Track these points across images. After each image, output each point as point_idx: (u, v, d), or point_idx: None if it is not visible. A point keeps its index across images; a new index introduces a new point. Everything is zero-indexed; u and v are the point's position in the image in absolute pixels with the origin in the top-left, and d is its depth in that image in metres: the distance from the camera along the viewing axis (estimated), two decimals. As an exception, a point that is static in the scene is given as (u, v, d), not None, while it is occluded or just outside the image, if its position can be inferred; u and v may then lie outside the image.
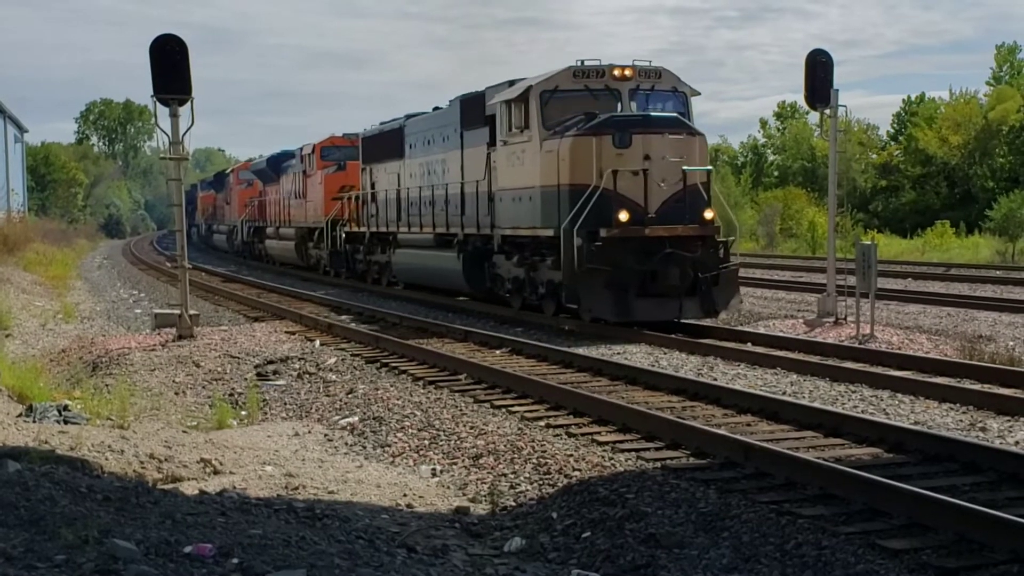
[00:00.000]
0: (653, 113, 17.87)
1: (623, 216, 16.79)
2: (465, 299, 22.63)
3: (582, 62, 18.32)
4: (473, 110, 21.22)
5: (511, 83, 19.65)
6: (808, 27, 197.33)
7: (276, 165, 40.61)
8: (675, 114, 18.03)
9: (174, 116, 17.14)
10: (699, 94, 19.12)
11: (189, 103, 17.07)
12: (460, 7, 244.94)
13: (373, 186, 28.31)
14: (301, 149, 36.23)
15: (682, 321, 17.12)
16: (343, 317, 20.76)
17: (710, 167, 18.21)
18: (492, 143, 20.09)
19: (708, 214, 17.37)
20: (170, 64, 16.82)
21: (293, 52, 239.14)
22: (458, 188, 21.87)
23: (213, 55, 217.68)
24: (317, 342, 16.93)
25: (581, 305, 16.99)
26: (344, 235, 30.89)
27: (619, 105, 18.18)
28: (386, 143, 27.14)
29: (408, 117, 26.03)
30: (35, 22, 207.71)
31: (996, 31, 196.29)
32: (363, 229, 28.98)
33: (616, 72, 18.23)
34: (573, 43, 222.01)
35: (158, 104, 17.16)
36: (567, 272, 17.08)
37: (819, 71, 17.68)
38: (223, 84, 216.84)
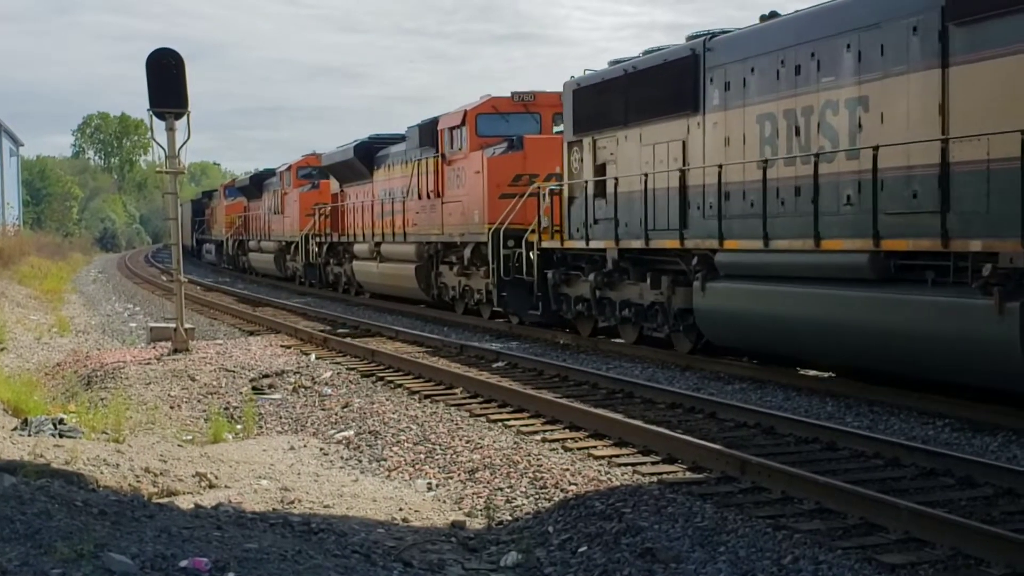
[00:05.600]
0: None
1: None
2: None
3: None
4: None
5: None
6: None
7: (368, 155, 28.37)
8: None
9: (171, 130, 17.14)
10: None
11: (186, 117, 17.09)
12: (457, 23, 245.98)
13: (602, 168, 16.78)
14: (435, 122, 23.50)
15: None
16: (339, 331, 20.73)
17: None
18: None
19: None
20: (167, 78, 16.84)
21: (290, 67, 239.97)
22: (939, 154, 10.58)
23: (210, 69, 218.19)
24: (312, 356, 16.91)
25: None
26: (549, 254, 18.34)
27: None
28: (645, 89, 15.53)
29: (709, 36, 14.32)
30: (31, 36, 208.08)
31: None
32: (613, 245, 16.28)
33: None
34: (570, 58, 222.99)
35: (155, 118, 17.19)
36: None
37: None
38: (218, 98, 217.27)
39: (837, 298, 11.80)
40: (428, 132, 23.88)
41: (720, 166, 13.75)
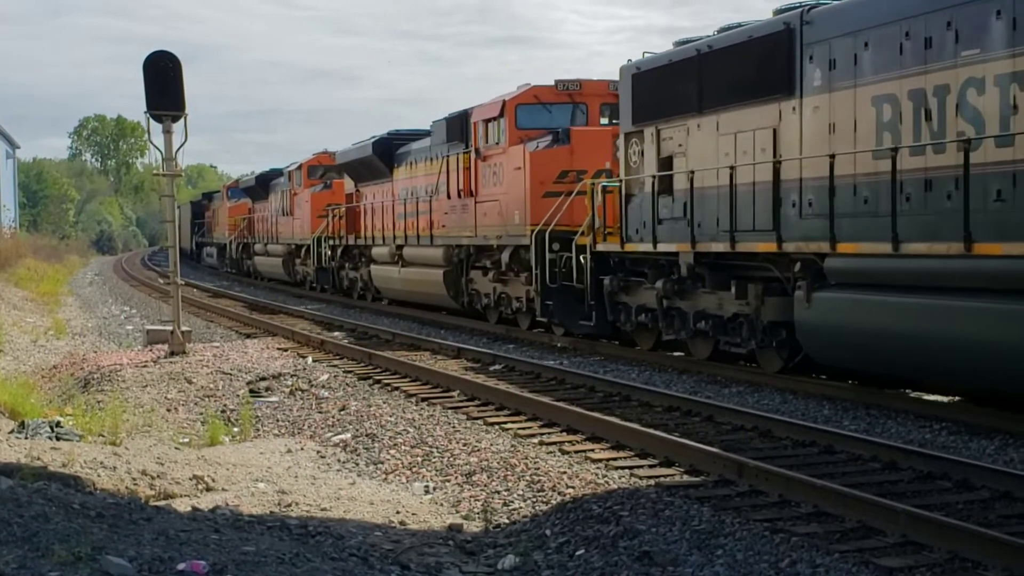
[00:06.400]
0: None
1: None
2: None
3: None
4: None
5: None
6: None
7: (388, 152, 26.65)
8: None
9: (167, 132, 17.17)
10: None
11: (182, 119, 17.10)
12: (453, 26, 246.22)
13: (668, 162, 14.86)
14: (466, 115, 21.53)
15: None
16: (335, 334, 20.72)
17: None
18: None
19: None
20: (164, 80, 16.85)
21: (285, 69, 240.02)
22: None
23: (205, 72, 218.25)
24: (309, 359, 16.90)
25: None
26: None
27: None
28: (724, 71, 13.64)
29: (806, 8, 12.38)
30: (27, 38, 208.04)
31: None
32: (688, 248, 14.24)
33: None
34: (566, 61, 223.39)
35: (151, 120, 17.19)
36: None
37: None
38: (214, 100, 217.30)
39: (996, 313, 9.68)
40: (457, 125, 21.74)
41: (832, 156, 11.55)
